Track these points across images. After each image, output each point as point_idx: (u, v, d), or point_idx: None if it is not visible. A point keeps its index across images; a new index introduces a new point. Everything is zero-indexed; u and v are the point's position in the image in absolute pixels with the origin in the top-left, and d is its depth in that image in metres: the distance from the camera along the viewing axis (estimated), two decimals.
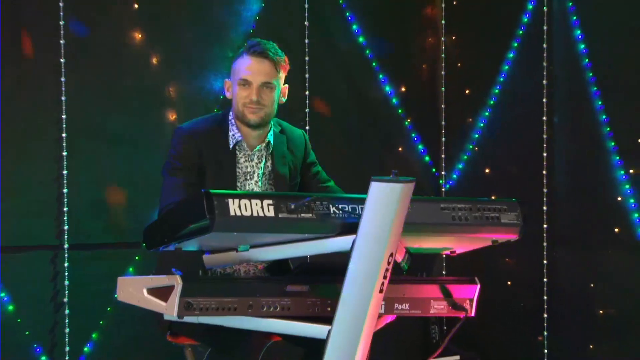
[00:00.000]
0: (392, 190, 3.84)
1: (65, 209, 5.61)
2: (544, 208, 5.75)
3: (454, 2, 6.33)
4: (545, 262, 5.76)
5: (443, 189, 6.32)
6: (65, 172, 5.60)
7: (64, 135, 5.59)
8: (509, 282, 5.95)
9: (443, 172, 6.35)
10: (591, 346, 5.61)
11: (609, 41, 5.53)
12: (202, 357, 4.66)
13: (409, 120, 6.28)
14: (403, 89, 6.28)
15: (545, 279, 5.77)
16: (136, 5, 5.76)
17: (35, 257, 5.63)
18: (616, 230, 5.44)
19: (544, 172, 5.78)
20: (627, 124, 5.43)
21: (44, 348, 5.61)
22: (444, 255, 5.81)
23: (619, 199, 5.41)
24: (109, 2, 5.77)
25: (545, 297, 5.77)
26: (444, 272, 5.94)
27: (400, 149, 6.29)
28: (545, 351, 5.79)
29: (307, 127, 5.85)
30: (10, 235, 5.55)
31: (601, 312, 5.55)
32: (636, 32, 5.38)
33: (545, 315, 5.77)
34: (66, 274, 5.64)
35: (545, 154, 5.76)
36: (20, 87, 5.58)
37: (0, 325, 5.55)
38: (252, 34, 5.77)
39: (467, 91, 6.25)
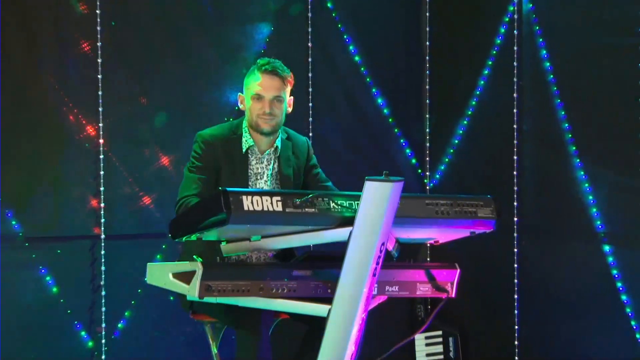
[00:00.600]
0: (383, 188, 3.94)
1: (102, 204, 5.62)
2: (515, 204, 5.77)
3: (437, 27, 6.32)
4: (516, 250, 5.78)
5: (428, 187, 6.31)
6: (102, 172, 5.62)
7: (101, 141, 5.61)
8: (485, 268, 5.95)
9: (427, 173, 6.34)
10: (555, 322, 5.61)
11: (570, 60, 5.53)
12: (220, 333, 4.74)
13: (397, 128, 6.29)
14: (393, 101, 6.28)
15: (516, 265, 5.78)
16: (163, 27, 5.77)
17: (76, 246, 5.63)
18: (578, 223, 5.45)
19: (515, 172, 5.78)
20: (585, 131, 5.43)
21: (83, 324, 5.62)
22: (429, 245, 5.80)
23: (580, 196, 5.42)
24: (142, 25, 5.76)
25: (516, 281, 5.79)
26: (428, 259, 5.95)
27: (390, 152, 6.31)
28: (516, 327, 5.80)
29: (310, 134, 5.88)
30: (54, 227, 5.59)
31: (564, 293, 5.56)
32: (593, 53, 5.38)
33: (516, 296, 5.79)
34: (103, 260, 5.65)
35: (515, 157, 5.77)
36: (63, 101, 5.59)
37: (46, 305, 5.53)
38: (262, 54, 5.78)
39: (448, 102, 6.26)
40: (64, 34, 5.63)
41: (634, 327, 5.16)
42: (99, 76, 5.60)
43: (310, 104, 6.05)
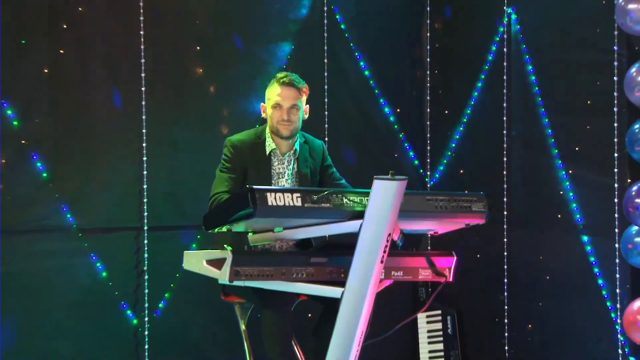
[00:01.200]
0: (390, 186, 3.98)
1: (145, 200, 5.65)
2: (504, 199, 5.77)
3: (436, 45, 6.30)
4: (505, 240, 5.78)
5: (428, 185, 6.30)
6: (145, 172, 5.65)
7: (144, 145, 5.64)
8: (478, 255, 5.95)
9: (428, 172, 6.33)
10: (540, 303, 5.61)
11: (553, 75, 5.53)
12: (247, 312, 4.81)
13: (402, 133, 6.28)
14: (398, 110, 6.26)
15: (505, 253, 5.79)
16: (198, 48, 5.78)
17: (123, 236, 5.66)
18: (559, 216, 5.44)
19: (504, 172, 5.79)
20: (566, 136, 5.42)
21: (129, 304, 5.66)
22: (429, 235, 5.75)
23: (561, 192, 5.42)
24: (178, 45, 5.78)
25: (505, 266, 5.80)
26: (429, 248, 5.94)
27: (395, 154, 6.28)
28: (505, 307, 5.80)
29: (326, 139, 5.88)
30: (105, 219, 5.61)
31: (547, 277, 5.55)
32: (572, 68, 5.38)
33: (505, 280, 5.79)
34: (146, 248, 5.67)
35: (505, 159, 5.78)
36: (112, 110, 5.63)
37: (97, 288, 5.55)
38: (284, 69, 5.78)
39: (446, 112, 6.23)
40: (114, 52, 5.66)
41: (609, 307, 5.13)
42: (143, 88, 5.64)
43: (326, 113, 6.05)
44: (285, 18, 6.02)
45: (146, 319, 5.68)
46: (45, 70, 5.48)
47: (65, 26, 5.50)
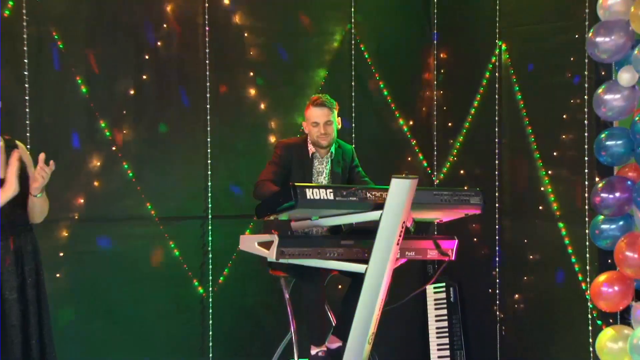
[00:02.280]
0: (404, 183, 4.07)
1: (209, 194, 5.66)
2: (496, 194, 5.72)
3: (442, 71, 6.25)
4: (497, 227, 5.74)
5: (435, 183, 6.26)
6: (209, 172, 5.66)
7: (209, 150, 5.65)
8: (475, 239, 5.92)
9: (435, 172, 6.28)
10: (525, 277, 5.59)
11: (535, 95, 5.49)
12: (290, 284, 4.86)
13: (414, 141, 6.24)
14: (411, 123, 6.22)
15: (497, 237, 5.75)
16: (252, 73, 5.77)
17: (191, 223, 5.66)
18: (540, 207, 5.41)
19: (496, 172, 5.75)
20: (546, 144, 5.38)
21: (196, 278, 5.65)
22: (436, 222, 5.77)
23: (542, 188, 5.38)
24: (236, 71, 5.75)
25: (496, 248, 5.76)
26: (435, 233, 5.89)
27: (409, 158, 6.24)
28: (497, 280, 5.76)
29: (354, 144, 5.81)
30: (177, 210, 5.63)
31: (530, 256, 5.53)
32: (551, 89, 5.35)
33: (497, 259, 5.76)
34: (209, 233, 5.66)
35: (496, 162, 5.74)
36: (182, 123, 5.65)
37: (171, 265, 5.58)
38: (320, 90, 5.74)
39: (449, 124, 6.18)
40: (185, 76, 5.67)
41: (581, 281, 5.11)
42: (208, 106, 5.65)
43: (354, 124, 6.03)
44: (321, 49, 5.99)
45: (210, 289, 5.67)
46: (131, 92, 5.49)
47: (147, 57, 5.53)
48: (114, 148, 5.45)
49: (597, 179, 4.93)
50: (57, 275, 5.22)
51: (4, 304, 3.76)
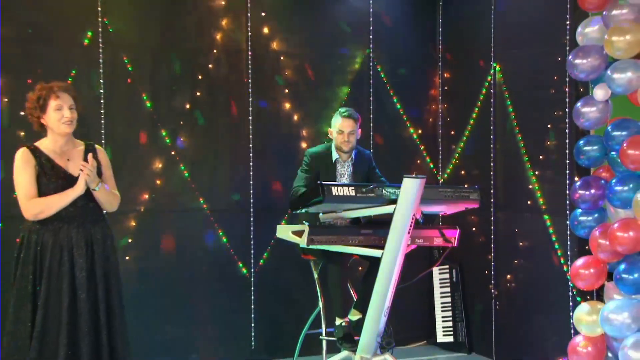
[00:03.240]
0: (414, 182, 4.07)
1: (251, 191, 5.67)
2: (492, 191, 5.71)
3: (445, 88, 6.24)
4: (492, 218, 5.72)
5: (440, 181, 6.24)
6: (251, 173, 5.67)
7: (251, 155, 5.67)
8: (474, 229, 5.89)
9: (440, 173, 6.28)
10: (515, 260, 5.57)
11: (524, 107, 5.47)
12: (319, 266, 4.84)
13: (422, 147, 6.22)
14: (420, 131, 6.20)
15: (492, 227, 5.73)
16: (286, 90, 5.78)
17: (236, 215, 5.65)
18: (529, 202, 5.38)
19: (492, 172, 5.73)
20: (533, 149, 5.36)
21: (241, 260, 5.65)
22: (441, 215, 5.67)
23: (530, 186, 5.36)
24: (274, 88, 5.76)
25: (492, 236, 5.74)
26: (440, 223, 5.82)
27: (418, 161, 6.21)
28: (492, 263, 5.74)
29: (372, 149, 5.87)
30: (225, 204, 5.62)
31: (520, 244, 5.51)
32: (537, 103, 5.29)
33: (492, 245, 5.74)
34: (252, 223, 5.64)
35: (492, 164, 5.72)
36: (229, 132, 5.64)
37: (220, 249, 5.57)
38: (344, 104, 5.79)
39: (452, 132, 6.15)
40: (231, 93, 5.65)
41: (562, 264, 5.09)
42: (250, 117, 5.65)
43: (371, 133, 6.02)
44: (345, 70, 5.98)
45: (252, 270, 5.67)
46: (187, 106, 5.51)
47: (200, 77, 5.56)
48: (172, 152, 5.48)
49: (576, 178, 4.92)
50: (127, 257, 5.28)
51: (74, 281, 3.77)
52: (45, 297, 3.70)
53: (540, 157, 5.32)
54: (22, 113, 4.27)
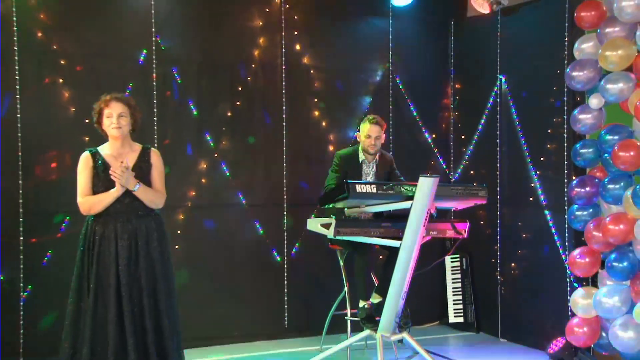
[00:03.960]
0: (429, 181, 4.05)
1: (284, 189, 5.67)
2: (498, 189, 5.68)
3: (457, 97, 6.20)
4: (498, 213, 5.69)
5: (452, 180, 6.19)
6: (285, 173, 5.68)
7: (284, 157, 5.67)
8: (482, 222, 5.84)
9: (452, 173, 6.23)
10: (519, 251, 5.54)
11: (527, 114, 5.44)
12: (344, 255, 4.83)
13: (436, 150, 6.19)
14: (434, 136, 6.16)
15: (498, 221, 5.70)
16: (316, 100, 5.78)
17: (272, 210, 5.63)
18: (531, 199, 5.35)
19: (498, 172, 5.71)
20: (535, 151, 5.33)
21: (276, 249, 5.64)
22: (452, 210, 5.51)
23: (532, 185, 5.33)
24: (305, 97, 5.75)
25: (498, 229, 5.71)
26: (452, 217, 5.72)
27: (432, 162, 6.17)
28: (498, 253, 5.71)
29: (392, 152, 5.77)
30: (262, 199, 5.61)
31: (523, 235, 5.49)
32: (538, 110, 5.29)
33: (498, 237, 5.71)
34: (285, 217, 5.65)
35: (498, 165, 5.70)
36: (265, 136, 5.61)
37: (257, 240, 5.56)
38: (368, 112, 5.78)
39: (462, 137, 6.12)
40: (266, 102, 5.63)
41: (562, 253, 5.07)
42: (284, 124, 5.65)
43: (391, 137, 5.99)
44: (367, 82, 5.97)
45: (285, 258, 5.65)
46: (229, 114, 5.51)
47: (240, 88, 5.56)
48: (216, 154, 5.49)
49: (573, 178, 4.91)
50: (176, 247, 5.30)
51: (117, 269, 3.80)
52: (95, 280, 3.78)
53: (541, 158, 5.31)
54: (86, 120, 4.36)
